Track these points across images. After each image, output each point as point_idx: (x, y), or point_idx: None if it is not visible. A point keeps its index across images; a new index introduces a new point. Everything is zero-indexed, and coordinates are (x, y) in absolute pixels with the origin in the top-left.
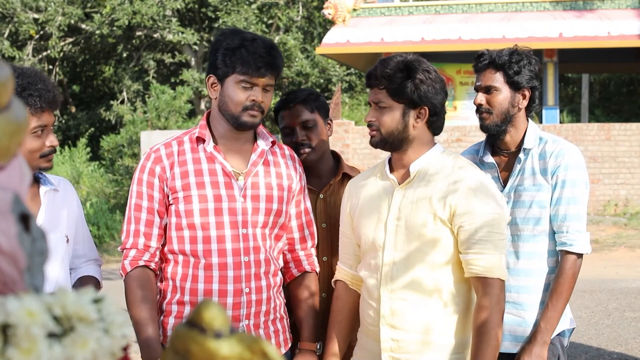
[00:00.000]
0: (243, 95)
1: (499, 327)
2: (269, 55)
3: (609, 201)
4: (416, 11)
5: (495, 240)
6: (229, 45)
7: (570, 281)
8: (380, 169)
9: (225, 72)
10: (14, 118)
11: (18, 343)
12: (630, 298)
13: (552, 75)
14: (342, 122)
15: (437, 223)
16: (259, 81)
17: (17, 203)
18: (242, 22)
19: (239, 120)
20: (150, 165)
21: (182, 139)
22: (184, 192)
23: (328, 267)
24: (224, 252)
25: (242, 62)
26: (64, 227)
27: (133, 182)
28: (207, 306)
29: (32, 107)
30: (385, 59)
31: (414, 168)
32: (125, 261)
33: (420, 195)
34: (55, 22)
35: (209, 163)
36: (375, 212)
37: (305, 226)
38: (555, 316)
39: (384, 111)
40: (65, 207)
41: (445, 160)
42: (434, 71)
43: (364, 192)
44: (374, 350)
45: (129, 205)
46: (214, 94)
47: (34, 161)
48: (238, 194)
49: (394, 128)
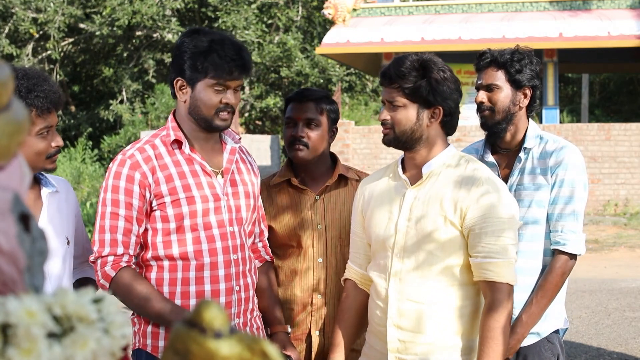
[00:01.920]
0: (216, 99)
1: (506, 332)
2: (241, 58)
3: (609, 201)
4: (416, 11)
5: (506, 245)
6: (197, 47)
7: (558, 280)
8: (393, 169)
9: (196, 76)
10: (14, 118)
11: (18, 343)
12: (630, 298)
13: (552, 75)
14: (342, 122)
15: (448, 225)
16: (231, 83)
17: (17, 203)
18: (242, 22)
19: (212, 124)
20: (128, 172)
21: (153, 143)
22: (172, 197)
23: (323, 269)
24: (215, 251)
25: (215, 66)
26: (65, 228)
27: (106, 190)
28: (207, 306)
29: (39, 108)
30: (400, 57)
31: (426, 169)
32: (105, 268)
33: (431, 196)
34: (55, 22)
35: (189, 165)
36: (387, 212)
37: (262, 219)
38: (537, 312)
39: (398, 110)
40: (66, 208)
41: (458, 161)
42: (449, 71)
43: (376, 192)
44: (381, 350)
45: (101, 213)
46: (182, 97)
47: (39, 162)
48: (221, 192)
49: (407, 127)
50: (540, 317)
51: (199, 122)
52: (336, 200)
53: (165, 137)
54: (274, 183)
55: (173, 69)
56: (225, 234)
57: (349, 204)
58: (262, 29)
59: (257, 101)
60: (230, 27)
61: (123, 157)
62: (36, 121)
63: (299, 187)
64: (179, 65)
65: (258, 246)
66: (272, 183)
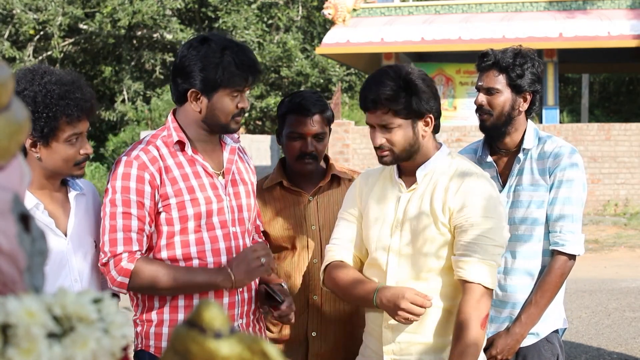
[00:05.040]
0: (232, 105)
1: (477, 334)
2: (255, 64)
3: (609, 201)
4: (416, 11)
5: (487, 247)
6: (210, 58)
7: (557, 281)
8: (390, 172)
9: (213, 87)
10: (14, 118)
11: (18, 343)
12: (630, 298)
13: (552, 75)
14: (342, 122)
15: (440, 227)
16: (246, 89)
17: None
18: (242, 22)
19: (229, 129)
20: (137, 173)
21: (155, 144)
22: (177, 198)
23: (319, 270)
24: (218, 251)
25: (233, 76)
26: (94, 231)
27: (114, 191)
28: (206, 306)
29: (68, 116)
30: (375, 79)
31: (420, 173)
32: (121, 264)
33: (424, 199)
34: (56, 21)
35: (191, 166)
36: (382, 215)
37: (257, 216)
38: (536, 313)
39: (394, 131)
40: (92, 211)
41: (450, 163)
42: (425, 74)
43: (372, 194)
44: (377, 351)
45: (110, 214)
46: (197, 107)
47: (66, 169)
48: (223, 193)
49: (407, 144)
50: (540, 317)
51: (213, 127)
52: (329, 201)
53: (167, 137)
54: (267, 186)
55: (183, 80)
56: (228, 234)
57: None
58: (263, 28)
59: (257, 101)
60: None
61: (128, 159)
62: (65, 128)
63: (292, 189)
64: (190, 77)
65: (255, 237)
66: (265, 186)
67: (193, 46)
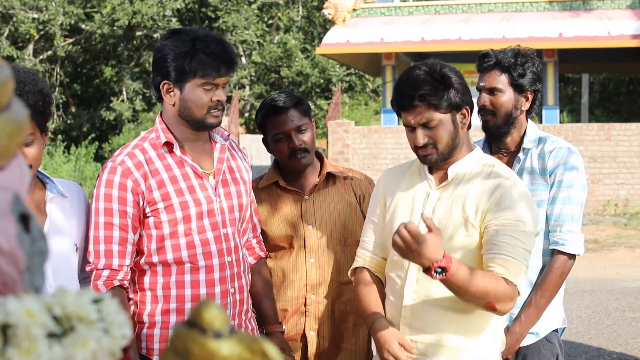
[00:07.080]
0: (206, 98)
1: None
2: (227, 54)
3: (609, 201)
4: (416, 11)
5: (517, 247)
6: (181, 48)
7: (557, 280)
8: (419, 167)
9: (184, 77)
10: (14, 118)
11: (18, 343)
12: (630, 298)
13: (552, 75)
14: (342, 122)
15: (469, 228)
16: (219, 81)
17: (17, 203)
18: (243, 22)
19: (205, 123)
20: (120, 180)
21: (143, 147)
22: (165, 202)
23: (316, 269)
24: (209, 254)
25: (203, 65)
26: (74, 234)
27: (97, 199)
28: (207, 306)
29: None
30: (410, 76)
31: (452, 171)
32: (98, 282)
33: (455, 198)
34: (57, 21)
35: (180, 168)
36: (409, 211)
37: (254, 214)
38: (536, 312)
39: (436, 128)
40: (75, 214)
41: (484, 164)
42: (455, 69)
43: (400, 189)
44: None
45: (95, 223)
46: (170, 100)
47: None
48: (213, 194)
49: (450, 138)
50: (539, 316)
51: (190, 123)
52: (326, 199)
53: (155, 140)
54: (262, 185)
55: (157, 72)
56: (219, 236)
57: (339, 203)
58: (263, 28)
59: (257, 101)
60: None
61: (113, 165)
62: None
63: (288, 188)
64: (163, 68)
65: (252, 242)
66: (261, 185)
67: (165, 38)
